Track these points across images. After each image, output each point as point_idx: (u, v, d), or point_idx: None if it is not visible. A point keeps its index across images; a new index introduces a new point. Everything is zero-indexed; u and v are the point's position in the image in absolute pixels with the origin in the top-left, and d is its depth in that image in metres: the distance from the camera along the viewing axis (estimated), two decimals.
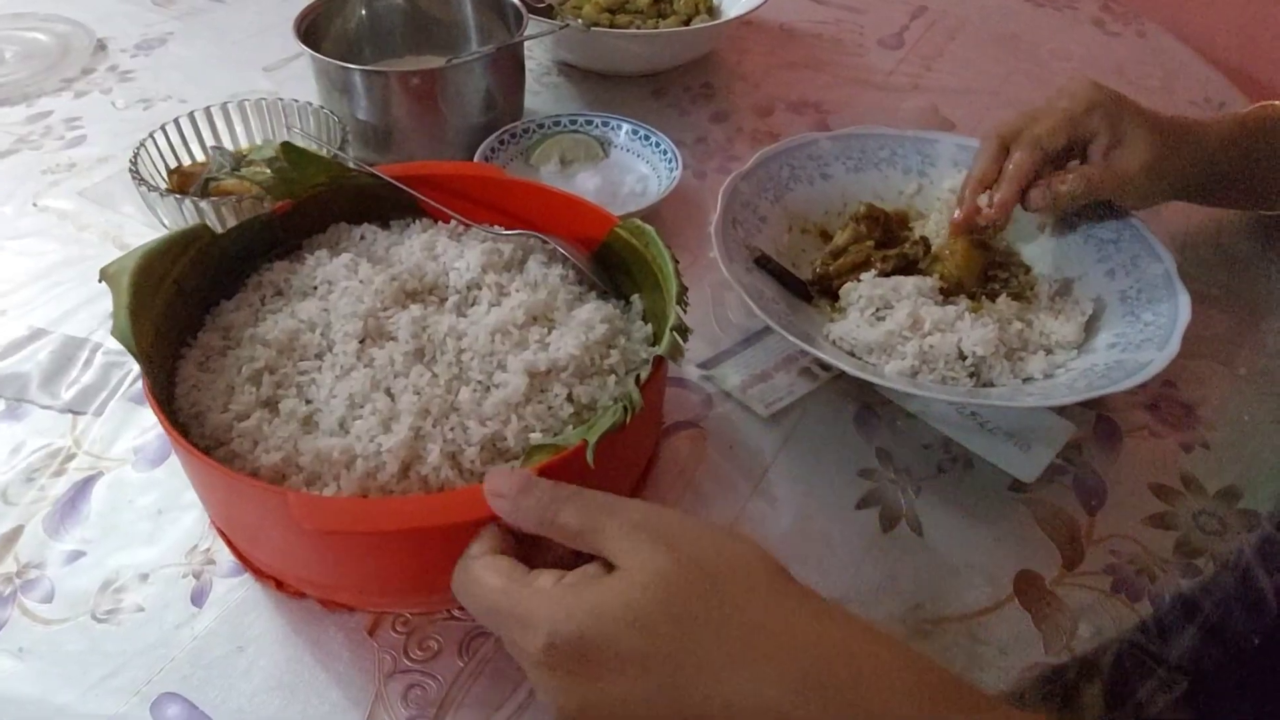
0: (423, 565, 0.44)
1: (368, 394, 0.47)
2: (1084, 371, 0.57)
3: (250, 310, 0.52)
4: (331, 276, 0.53)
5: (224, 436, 0.46)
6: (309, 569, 0.47)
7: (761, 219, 0.68)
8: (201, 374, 0.49)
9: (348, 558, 0.44)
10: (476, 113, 0.79)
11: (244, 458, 0.45)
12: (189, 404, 0.47)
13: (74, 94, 0.91)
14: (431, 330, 0.50)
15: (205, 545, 0.51)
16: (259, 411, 0.47)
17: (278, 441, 0.45)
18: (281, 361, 0.49)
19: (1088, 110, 0.62)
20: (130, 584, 0.49)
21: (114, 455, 0.56)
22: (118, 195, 0.76)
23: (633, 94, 0.92)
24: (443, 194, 0.60)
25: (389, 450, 0.44)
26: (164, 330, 0.49)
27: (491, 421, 0.46)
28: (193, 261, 0.52)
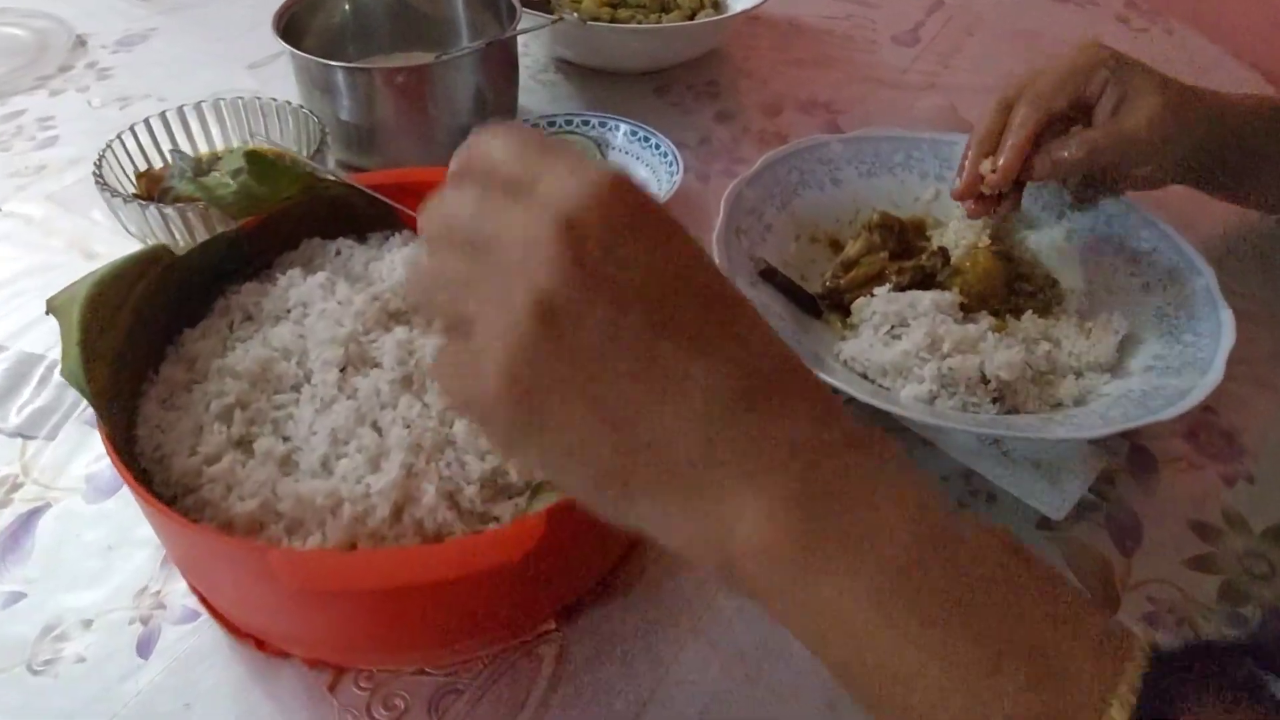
0: (428, 622, 0.40)
1: (352, 429, 0.42)
2: (1119, 398, 0.52)
3: (218, 338, 0.48)
4: (306, 298, 0.49)
5: (192, 483, 0.42)
6: (297, 629, 0.42)
7: (767, 227, 0.64)
8: (165, 413, 0.45)
9: (338, 617, 0.40)
10: (467, 112, 0.74)
11: (216, 506, 0.40)
12: (152, 447, 0.43)
13: (49, 92, 0.87)
14: (420, 355, 0.46)
15: (156, 587, 0.47)
16: (231, 453, 0.42)
17: (253, 487, 0.41)
18: (254, 395, 0.45)
19: (1092, 66, 0.57)
20: (72, 630, 0.45)
21: (64, 485, 0.52)
22: (87, 200, 0.72)
23: (634, 92, 0.87)
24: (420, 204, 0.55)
25: (379, 492, 0.40)
26: (122, 365, 0.44)
27: (491, 455, 0.42)
28: (152, 286, 0.47)
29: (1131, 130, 0.56)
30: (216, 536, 0.36)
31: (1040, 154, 0.58)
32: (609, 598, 0.46)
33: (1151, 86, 0.57)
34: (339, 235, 0.55)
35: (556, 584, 0.43)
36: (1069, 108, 0.58)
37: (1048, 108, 0.57)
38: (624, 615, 0.46)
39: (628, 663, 0.44)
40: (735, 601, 0.46)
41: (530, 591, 0.42)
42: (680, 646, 0.45)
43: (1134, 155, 0.57)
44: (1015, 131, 0.57)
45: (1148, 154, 0.57)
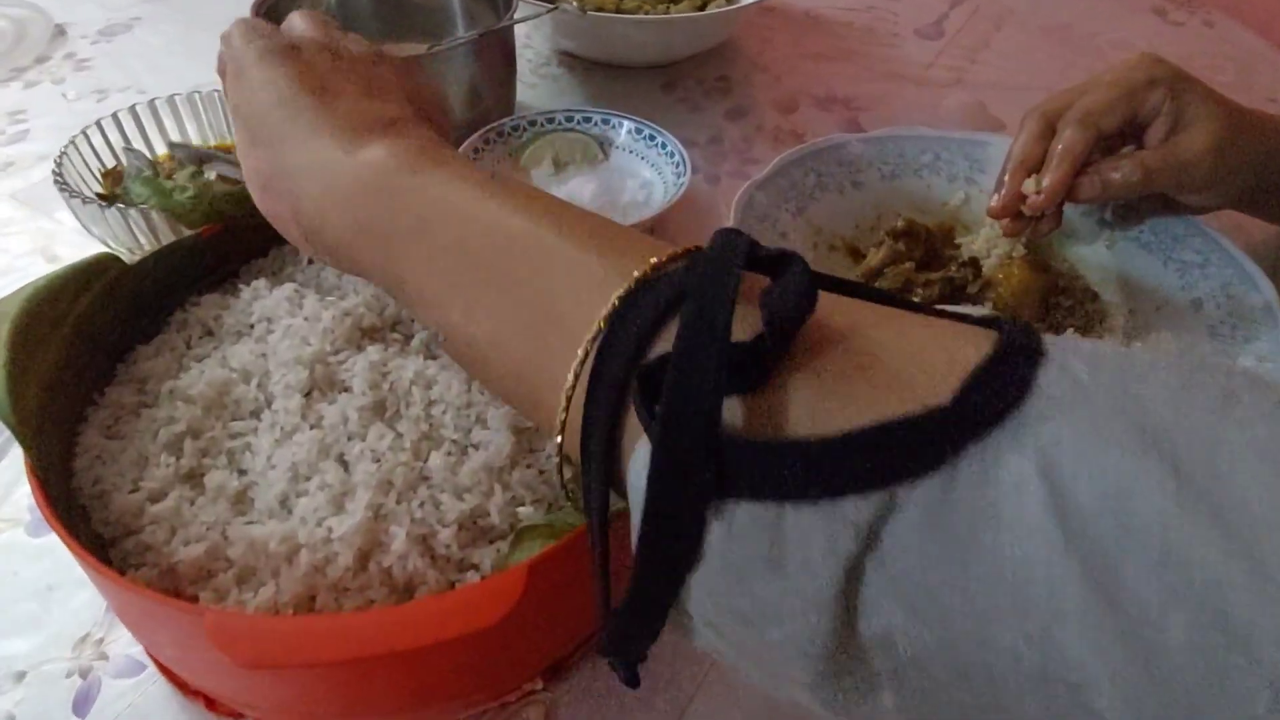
0: (395, 689, 0.35)
1: (315, 463, 0.38)
2: None
3: (173, 356, 0.43)
4: (271, 312, 0.44)
5: (133, 523, 0.37)
6: (247, 694, 0.37)
7: (782, 234, 0.58)
8: (108, 441, 0.40)
9: (291, 685, 0.35)
10: (461, 107, 0.69)
11: (158, 551, 0.36)
12: (90, 481, 0.38)
13: (24, 84, 0.83)
14: (394, 378, 0.41)
15: (99, 634, 0.42)
16: (178, 489, 0.38)
17: (200, 529, 0.36)
18: (208, 422, 0.40)
19: (1148, 85, 0.52)
20: (2, 683, 0.40)
21: (5, 515, 0.47)
22: (53, 199, 0.67)
23: (640, 87, 0.82)
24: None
25: (341, 537, 0.35)
26: (59, 388, 0.39)
27: (470, 494, 0.37)
28: (99, 300, 0.42)
29: (1190, 156, 0.51)
30: (150, 595, 0.32)
31: (1089, 174, 0.52)
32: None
33: (1211, 111, 0.52)
34: None
35: (542, 641, 0.38)
36: (1119, 128, 0.53)
37: (1098, 127, 0.52)
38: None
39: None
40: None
41: (511, 651, 0.37)
42: (682, 709, 0.40)
43: (1190, 182, 0.52)
44: (1063, 152, 0.52)
45: (1205, 181, 0.52)
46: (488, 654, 0.35)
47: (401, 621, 0.31)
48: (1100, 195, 0.52)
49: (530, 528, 0.36)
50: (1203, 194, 0.53)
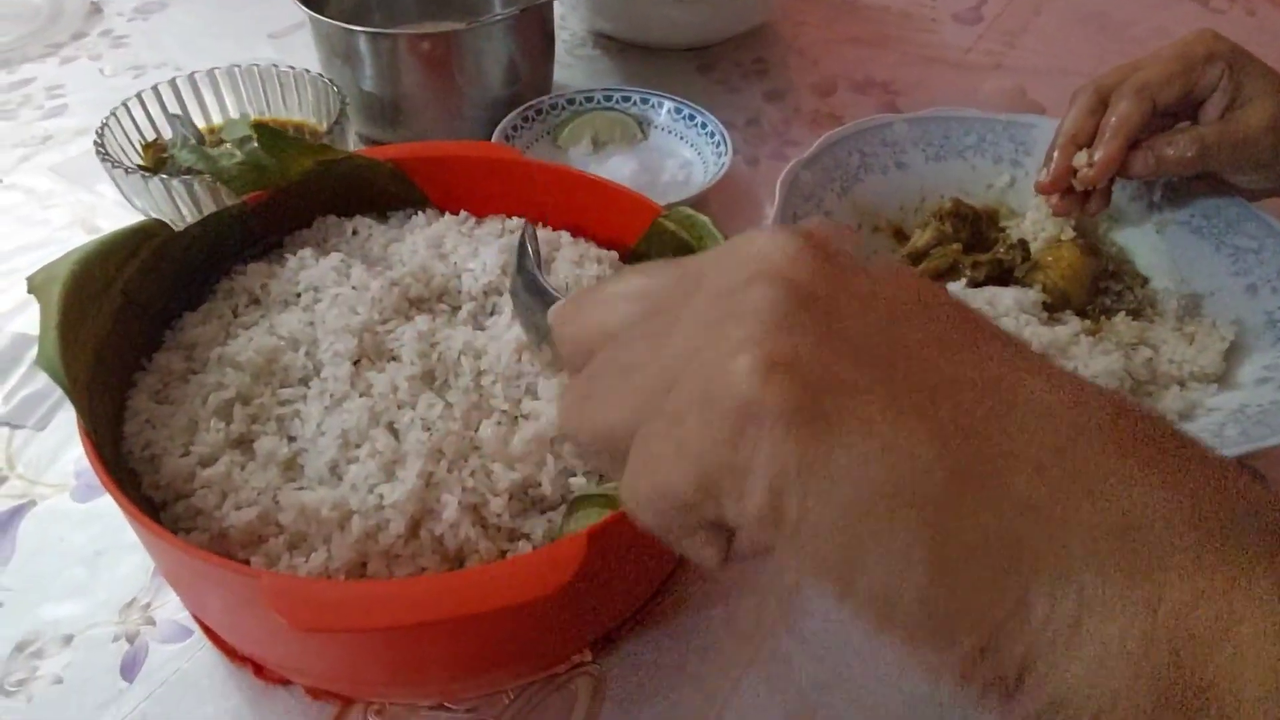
0: (448, 657, 0.35)
1: (365, 430, 0.37)
2: (1234, 414, 0.46)
3: (219, 324, 0.43)
4: (318, 281, 0.44)
5: (184, 487, 0.37)
6: (296, 659, 0.37)
7: (827, 213, 0.58)
8: (158, 406, 0.40)
9: (344, 650, 0.35)
10: (497, 85, 0.69)
11: (209, 515, 0.36)
12: (140, 445, 0.38)
13: (60, 60, 0.83)
14: (442, 348, 0.41)
15: (145, 599, 0.42)
16: (229, 454, 0.37)
17: (251, 494, 0.36)
18: (257, 389, 0.40)
19: (1207, 59, 0.51)
20: (50, 647, 0.40)
21: (51, 480, 0.47)
22: (93, 172, 0.67)
23: (676, 69, 0.81)
24: (450, 180, 0.50)
25: (393, 504, 0.35)
26: (108, 352, 0.39)
27: (522, 463, 0.37)
28: (146, 265, 0.42)
29: (1248, 133, 0.50)
30: (205, 557, 0.31)
31: (1143, 149, 0.52)
32: (651, 626, 0.41)
33: (1271, 87, 0.51)
34: (356, 213, 0.49)
35: (594, 612, 0.38)
36: (1176, 103, 0.52)
37: (1154, 100, 0.51)
38: (670, 646, 0.40)
39: (674, 701, 0.38)
40: (797, 629, 0.41)
41: (565, 621, 0.36)
42: (734, 683, 0.39)
43: (1247, 160, 0.51)
44: (1116, 125, 0.51)
45: (1263, 159, 0.51)
46: (541, 623, 0.35)
47: (462, 587, 0.31)
48: (1153, 170, 0.51)
49: (585, 497, 0.35)
50: (1259, 173, 0.52)
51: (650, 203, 0.46)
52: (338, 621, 0.29)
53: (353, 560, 0.35)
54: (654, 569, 0.41)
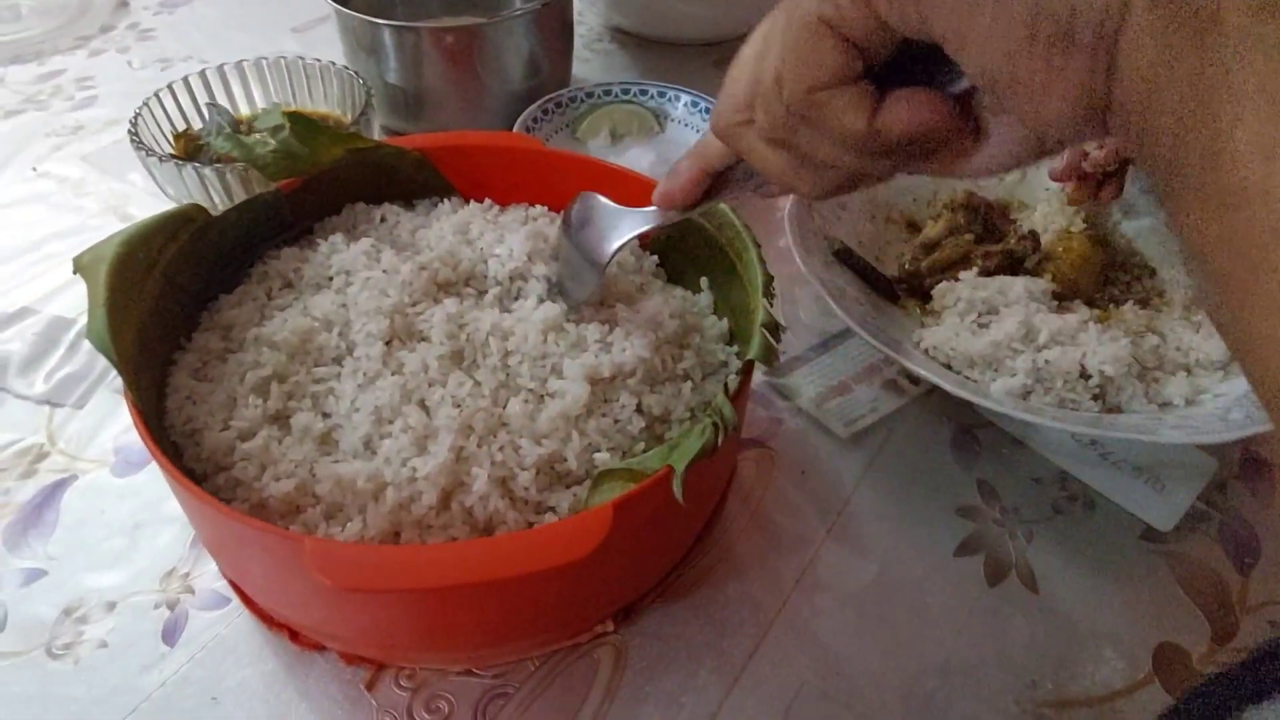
0: (478, 622, 0.36)
1: (397, 407, 0.39)
2: (1238, 399, 0.47)
3: (254, 306, 0.45)
4: (350, 265, 0.45)
5: (224, 460, 0.38)
6: (333, 624, 0.39)
7: (841, 205, 0.59)
8: (197, 383, 0.41)
9: (379, 614, 0.36)
10: (518, 78, 0.70)
11: (249, 486, 0.37)
12: (182, 420, 0.40)
13: (89, 52, 0.84)
14: (471, 329, 0.42)
15: (184, 569, 0.43)
16: (266, 429, 0.39)
17: (289, 466, 0.37)
18: (292, 368, 0.41)
19: None
20: (94, 613, 0.42)
21: (91, 456, 0.49)
22: (124, 161, 0.70)
23: (692, 64, 0.82)
24: (475, 170, 0.51)
25: (426, 477, 0.36)
26: (151, 331, 0.41)
27: (548, 439, 0.38)
28: (185, 249, 0.44)
29: None
30: (249, 522, 0.33)
31: None
32: (671, 600, 0.42)
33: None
34: (384, 201, 0.51)
35: (617, 582, 0.39)
36: None
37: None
38: (689, 619, 0.42)
39: (694, 669, 0.40)
40: (811, 604, 0.42)
41: (589, 590, 0.38)
42: (751, 652, 0.41)
43: None
44: None
45: None
46: (567, 591, 0.36)
47: (494, 552, 0.32)
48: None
49: (609, 471, 0.37)
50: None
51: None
52: (376, 582, 0.31)
53: (387, 530, 0.36)
54: (674, 543, 0.42)
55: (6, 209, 0.65)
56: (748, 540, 0.45)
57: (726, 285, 0.45)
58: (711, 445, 0.34)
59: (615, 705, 0.39)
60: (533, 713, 0.38)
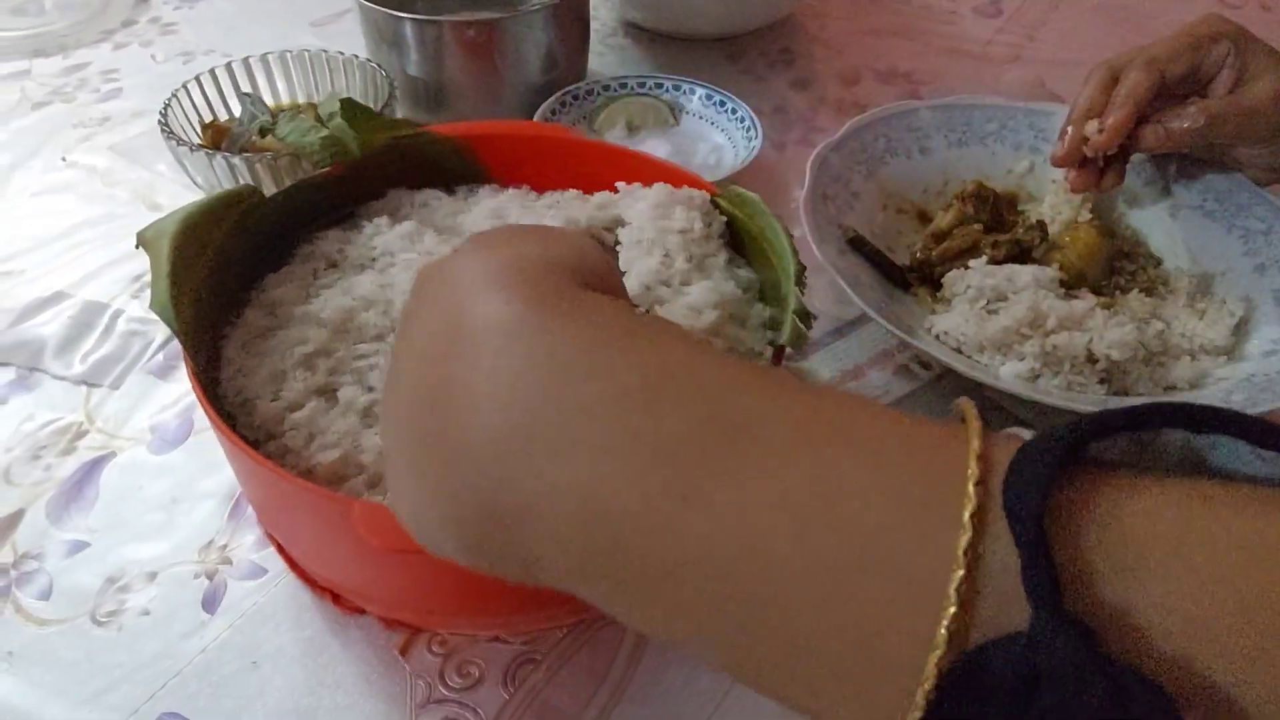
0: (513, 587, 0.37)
1: None
2: (1241, 382, 0.48)
3: (300, 285, 0.46)
4: (391, 247, 0.47)
5: (274, 429, 0.40)
6: (377, 586, 0.40)
7: (854, 195, 0.60)
8: (247, 358, 0.43)
9: (421, 576, 0.37)
10: (536, 72, 0.72)
11: (298, 454, 0.38)
12: (234, 391, 0.41)
13: (113, 46, 0.86)
14: None
15: (222, 541, 0.45)
16: (313, 401, 0.40)
17: (335, 436, 0.39)
18: (337, 344, 0.43)
19: (1213, 38, 0.54)
20: (136, 583, 0.43)
21: (128, 434, 0.50)
22: (150, 151, 0.71)
23: (705, 58, 0.84)
24: (511, 157, 0.53)
25: None
26: (206, 305, 0.42)
27: None
28: (237, 227, 0.45)
29: (1254, 104, 0.53)
30: (305, 486, 0.34)
31: (1152, 124, 0.54)
32: None
33: (1276, 63, 0.53)
34: (423, 187, 0.52)
35: None
36: (1184, 78, 0.54)
37: (1162, 72, 0.54)
38: None
39: None
40: None
41: None
42: None
43: (1253, 132, 0.54)
44: (1127, 92, 0.54)
45: (1268, 131, 0.54)
46: None
47: None
48: (1163, 142, 0.54)
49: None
50: (1263, 147, 0.55)
51: (703, 181, 0.49)
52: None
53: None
54: None
55: (38, 197, 0.67)
56: None
57: (759, 274, 0.47)
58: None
59: (639, 670, 0.40)
60: (560, 677, 0.40)
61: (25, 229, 0.64)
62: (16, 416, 0.51)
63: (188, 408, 0.52)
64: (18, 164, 0.70)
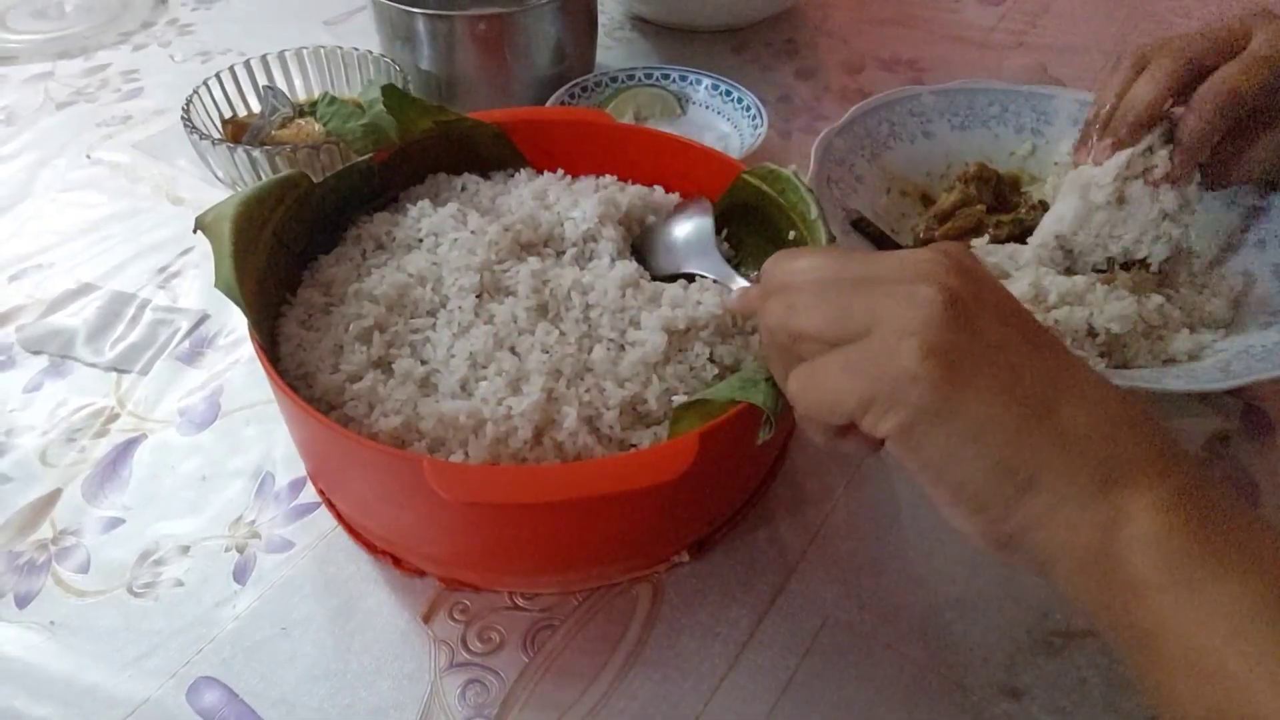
0: (569, 540, 0.40)
1: (491, 353, 0.42)
2: (1239, 354, 0.49)
3: (351, 265, 0.48)
4: (438, 228, 0.48)
5: (335, 399, 0.42)
6: (433, 545, 0.42)
7: (858, 178, 0.62)
8: (305, 333, 0.44)
9: (481, 532, 0.40)
10: (546, 64, 0.73)
11: (360, 422, 0.40)
12: (295, 364, 0.43)
13: (132, 47, 0.88)
14: (554, 284, 0.45)
15: (250, 517, 0.47)
16: (372, 372, 0.42)
17: (395, 405, 0.41)
18: (391, 319, 0.45)
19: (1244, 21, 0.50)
20: (170, 556, 0.45)
21: (158, 417, 0.52)
22: (172, 148, 0.73)
23: (711, 50, 0.85)
24: (547, 142, 0.55)
25: (521, 414, 0.39)
26: (265, 284, 0.44)
27: (630, 383, 0.41)
28: (290, 211, 0.47)
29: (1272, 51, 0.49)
30: (376, 446, 0.36)
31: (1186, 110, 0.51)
32: (708, 548, 0.45)
33: None
34: (463, 172, 0.54)
35: (697, 512, 0.43)
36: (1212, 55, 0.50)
37: (1191, 58, 0.50)
38: (720, 562, 0.45)
39: (726, 604, 0.43)
40: (835, 546, 0.45)
41: (674, 517, 0.41)
42: (780, 588, 0.44)
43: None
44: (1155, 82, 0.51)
45: None
46: (654, 516, 0.40)
47: (595, 471, 0.36)
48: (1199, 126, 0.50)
49: (685, 406, 0.39)
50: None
51: (732, 160, 0.51)
52: (490, 495, 0.34)
53: (486, 460, 0.39)
54: (747, 477, 0.45)
55: (65, 193, 0.69)
56: (776, 488, 0.48)
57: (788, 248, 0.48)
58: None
59: (654, 636, 0.42)
60: (578, 642, 0.42)
61: (53, 224, 0.66)
62: (50, 402, 0.53)
63: (215, 391, 0.53)
64: (44, 162, 0.72)
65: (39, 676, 0.40)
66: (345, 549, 0.45)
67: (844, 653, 0.41)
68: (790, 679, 0.40)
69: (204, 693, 0.40)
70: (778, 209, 0.48)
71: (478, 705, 0.39)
